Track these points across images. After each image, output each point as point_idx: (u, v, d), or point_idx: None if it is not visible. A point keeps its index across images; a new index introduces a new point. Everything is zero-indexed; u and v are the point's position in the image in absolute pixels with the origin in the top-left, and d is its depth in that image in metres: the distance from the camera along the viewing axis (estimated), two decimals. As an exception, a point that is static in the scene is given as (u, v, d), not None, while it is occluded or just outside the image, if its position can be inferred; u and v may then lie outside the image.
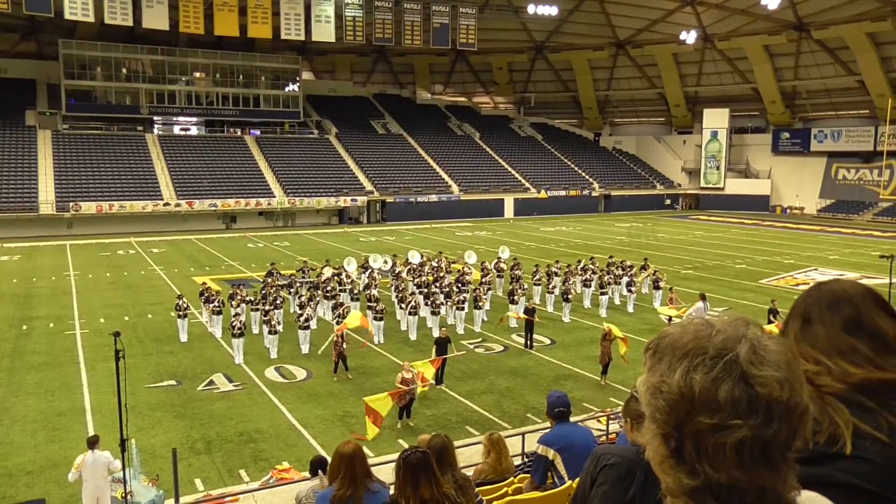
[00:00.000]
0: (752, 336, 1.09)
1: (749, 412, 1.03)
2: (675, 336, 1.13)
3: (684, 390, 1.06)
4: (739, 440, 1.03)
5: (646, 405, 1.12)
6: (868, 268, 33.95)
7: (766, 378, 1.05)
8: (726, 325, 1.11)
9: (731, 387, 1.04)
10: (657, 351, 1.14)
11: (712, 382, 1.05)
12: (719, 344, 1.08)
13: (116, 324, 22.65)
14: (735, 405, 1.03)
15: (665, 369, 1.10)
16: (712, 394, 1.04)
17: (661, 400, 1.09)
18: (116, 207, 49.87)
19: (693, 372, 1.06)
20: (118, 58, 60.11)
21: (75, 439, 14.06)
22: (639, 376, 1.19)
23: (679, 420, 1.06)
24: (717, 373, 1.05)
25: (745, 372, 1.05)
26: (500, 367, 19.09)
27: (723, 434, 1.03)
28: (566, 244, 43.84)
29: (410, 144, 69.56)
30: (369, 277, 25.99)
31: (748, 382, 1.04)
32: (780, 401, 1.04)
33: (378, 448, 13.48)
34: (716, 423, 1.03)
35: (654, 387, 1.10)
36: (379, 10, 60.12)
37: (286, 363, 19.24)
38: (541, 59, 78.18)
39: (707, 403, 1.04)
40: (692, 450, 1.06)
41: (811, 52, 63.92)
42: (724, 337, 1.09)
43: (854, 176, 66.30)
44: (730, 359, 1.06)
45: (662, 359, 1.12)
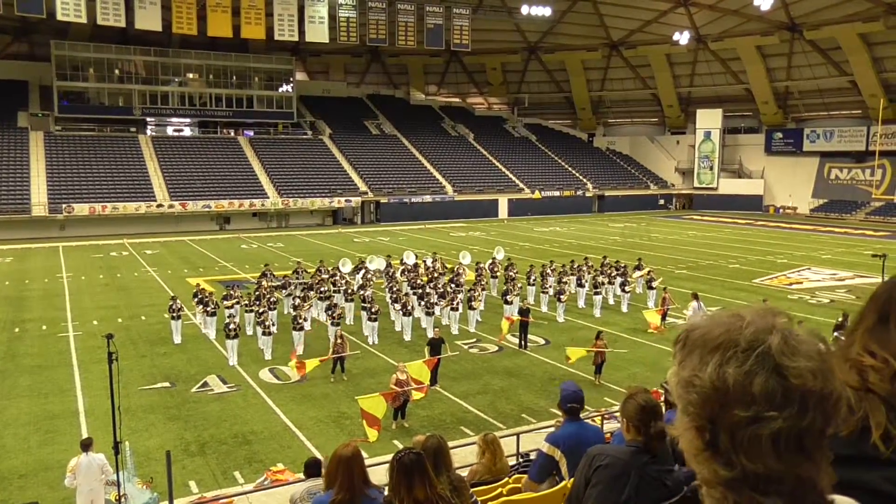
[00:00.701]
0: (782, 326, 1.09)
1: (784, 403, 1.03)
2: (705, 329, 1.12)
3: (717, 384, 1.06)
4: (775, 431, 1.02)
5: (677, 398, 1.12)
6: (861, 267, 34.09)
7: (799, 369, 1.05)
8: (756, 317, 1.11)
9: (765, 379, 1.04)
10: (686, 344, 1.14)
11: (745, 375, 1.05)
12: (750, 336, 1.08)
13: (110, 326, 22.57)
14: (770, 397, 1.03)
15: (696, 363, 1.09)
16: (746, 387, 1.04)
17: (693, 393, 1.08)
18: (109, 209, 49.69)
19: (726, 365, 1.06)
20: (111, 59, 59.90)
21: (68, 442, 14.00)
22: (668, 370, 1.19)
23: (713, 413, 1.06)
24: (749, 365, 1.05)
25: (778, 363, 1.05)
26: (495, 368, 19.09)
27: (758, 426, 1.03)
28: (560, 244, 43.90)
29: (404, 145, 69.54)
30: (363, 278, 26.00)
31: (781, 374, 1.04)
32: (814, 391, 1.04)
33: (373, 449, 13.45)
34: (751, 416, 1.03)
35: (686, 381, 1.10)
36: (372, 11, 60.08)
37: (280, 364, 19.20)
38: (534, 60, 78.28)
39: (741, 396, 1.04)
40: (727, 442, 1.05)
41: (803, 53, 64.21)
42: (755, 329, 1.08)
43: (846, 176, 66.60)
44: (762, 351, 1.06)
45: (693, 352, 1.11)
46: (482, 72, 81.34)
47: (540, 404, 16.20)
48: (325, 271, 27.20)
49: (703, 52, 69.75)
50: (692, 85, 74.27)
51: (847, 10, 57.75)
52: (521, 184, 67.16)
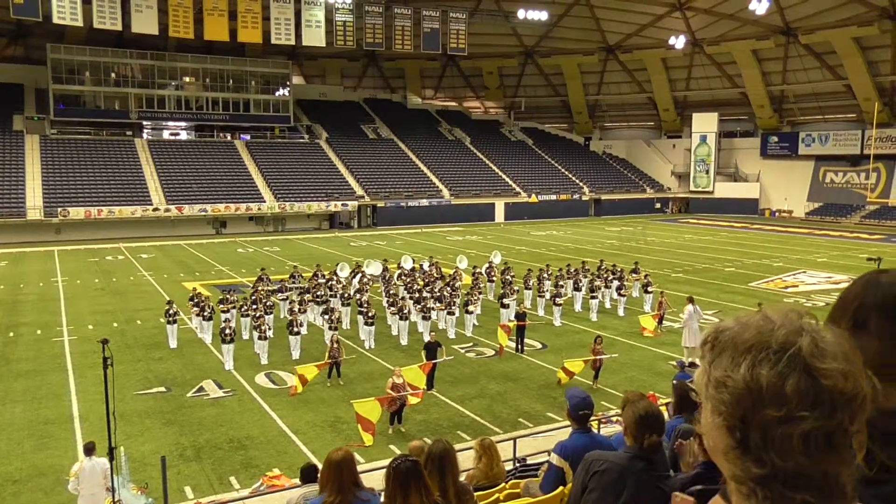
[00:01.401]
0: (810, 328, 1.12)
1: (815, 404, 1.06)
2: (736, 330, 1.15)
3: (751, 384, 1.08)
4: (807, 431, 1.05)
5: (708, 398, 1.14)
6: (856, 270, 34.14)
7: (830, 370, 1.08)
8: (784, 319, 1.14)
9: (798, 380, 1.06)
10: (716, 345, 1.16)
11: (778, 376, 1.07)
12: (782, 338, 1.10)
13: (105, 330, 22.50)
14: (802, 398, 1.06)
15: (728, 363, 1.11)
16: (779, 387, 1.06)
17: (726, 394, 1.10)
18: (105, 213, 49.58)
19: (759, 366, 1.08)
20: (107, 62, 59.84)
21: (63, 447, 13.95)
22: (699, 372, 1.20)
23: (745, 412, 1.08)
24: (782, 367, 1.07)
25: (809, 365, 1.07)
26: (492, 372, 19.06)
27: (790, 425, 1.06)
28: (557, 248, 43.92)
29: (401, 149, 69.57)
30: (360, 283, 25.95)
31: (812, 375, 1.07)
32: (844, 391, 1.07)
33: (369, 454, 13.43)
34: (783, 415, 1.06)
35: (718, 381, 1.12)
36: (369, 15, 60.17)
37: (276, 369, 19.15)
38: (531, 64, 78.42)
39: (774, 397, 1.06)
40: (759, 440, 1.08)
41: (799, 57, 64.43)
42: (785, 331, 1.11)
43: (842, 179, 66.79)
44: (793, 352, 1.08)
45: (723, 353, 1.13)
46: (479, 76, 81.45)
47: (537, 409, 16.18)
48: (322, 275, 27.17)
49: (698, 56, 69.95)
50: (688, 89, 74.48)
51: (841, 15, 57.99)
52: (517, 188, 67.21)
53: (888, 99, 62.12)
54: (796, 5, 59.23)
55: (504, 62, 78.42)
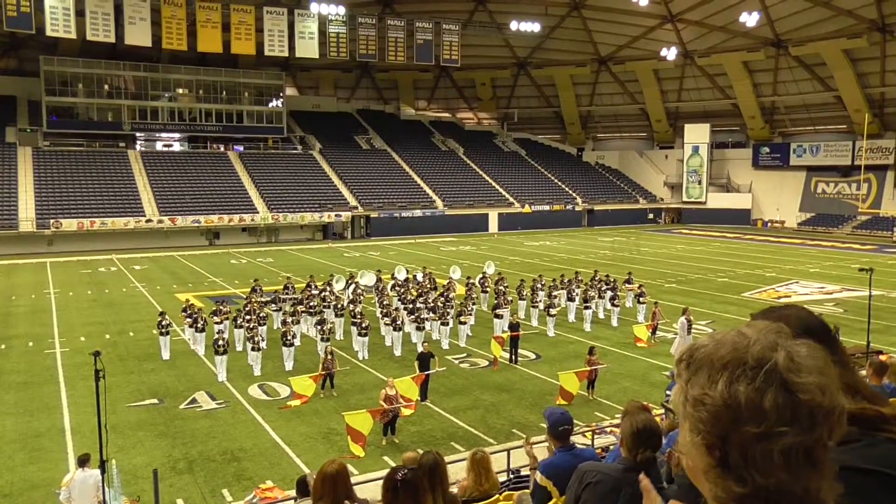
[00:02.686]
0: (785, 344, 1.12)
1: (794, 419, 1.05)
2: (712, 348, 1.14)
3: (729, 401, 1.07)
4: (787, 446, 1.05)
5: (685, 417, 1.13)
6: (848, 280, 34.34)
7: (807, 385, 1.07)
8: (759, 335, 1.13)
9: (775, 395, 1.06)
10: (692, 363, 1.15)
11: (756, 392, 1.06)
12: (757, 354, 1.10)
13: (97, 342, 22.38)
14: (781, 413, 1.05)
15: (705, 381, 1.11)
16: (757, 403, 1.06)
17: (704, 412, 1.10)
18: (98, 224, 49.42)
19: (736, 383, 1.08)
20: (100, 74, 59.81)
21: (54, 460, 13.85)
22: (673, 389, 1.20)
23: (724, 430, 1.08)
24: (759, 383, 1.07)
25: (786, 380, 1.07)
26: (485, 383, 19.04)
27: (769, 441, 1.05)
28: (550, 258, 43.99)
29: (394, 160, 69.68)
30: (354, 293, 25.94)
31: (790, 390, 1.07)
32: (822, 405, 1.07)
33: (363, 466, 13.38)
34: (762, 432, 1.05)
35: (696, 399, 1.11)
36: (362, 27, 60.40)
37: (270, 380, 19.08)
38: (524, 75, 78.80)
39: (753, 413, 1.06)
40: (739, 458, 1.07)
41: (789, 69, 64.98)
42: (761, 346, 1.11)
43: (833, 190, 67.22)
44: (770, 368, 1.08)
45: (699, 371, 1.13)
46: (472, 87, 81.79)
47: (531, 419, 16.16)
48: (315, 286, 27.14)
49: (690, 67, 70.44)
50: (680, 100, 74.94)
51: (831, 27, 58.57)
52: (511, 198, 67.37)
53: (878, 110, 62.66)
54: (786, 17, 59.80)
55: (497, 73, 78.78)
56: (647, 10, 62.01)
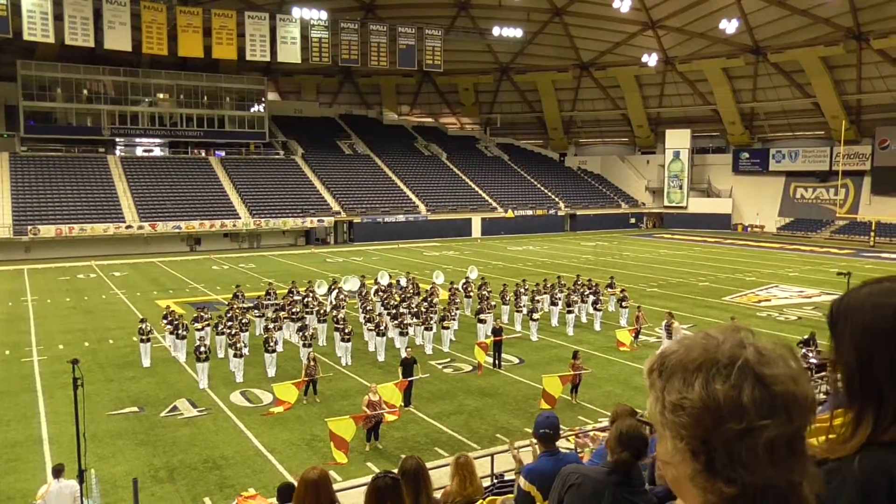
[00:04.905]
0: (750, 339, 1.14)
1: (772, 411, 1.07)
2: (683, 352, 1.15)
3: (708, 402, 1.08)
4: (770, 439, 1.06)
5: (665, 425, 1.13)
6: (827, 284, 34.75)
7: (779, 376, 1.09)
8: (725, 334, 1.15)
9: (752, 390, 1.07)
10: (664, 370, 1.16)
11: (733, 389, 1.08)
12: (728, 352, 1.11)
13: (76, 350, 22.10)
14: (759, 407, 1.06)
15: (681, 385, 1.11)
16: (736, 399, 1.07)
17: (684, 416, 1.10)
18: (77, 230, 48.84)
19: (713, 382, 1.09)
20: (79, 79, 59.21)
21: (31, 470, 13.63)
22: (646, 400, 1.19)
23: (706, 432, 1.08)
24: (734, 380, 1.08)
25: (759, 374, 1.09)
26: (469, 387, 19.02)
27: (752, 436, 1.06)
28: (533, 263, 44.11)
29: (377, 165, 69.60)
30: (336, 299, 25.83)
31: (764, 383, 1.08)
32: (795, 395, 1.09)
33: (346, 472, 13.31)
34: (744, 428, 1.06)
35: (675, 404, 1.11)
36: (345, 32, 60.35)
37: (252, 387, 18.94)
38: (506, 81, 79.12)
39: (733, 410, 1.07)
40: (725, 458, 1.07)
41: (768, 75, 65.79)
42: (730, 345, 1.12)
43: (811, 195, 68.09)
44: (741, 364, 1.09)
45: (673, 376, 1.13)
46: (454, 92, 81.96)
47: (514, 424, 16.16)
48: (297, 292, 27.01)
49: (671, 73, 71.11)
50: (661, 106, 75.59)
51: (809, 35, 59.41)
52: (493, 203, 67.52)
53: (855, 117, 63.60)
54: (765, 25, 60.57)
55: (479, 79, 79.03)
56: (629, 16, 62.52)
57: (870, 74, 60.10)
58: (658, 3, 61.85)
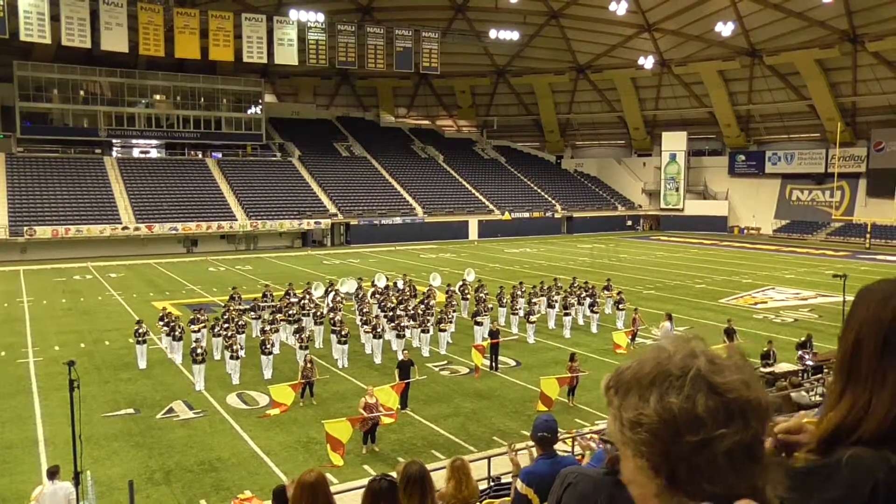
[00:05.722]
0: (701, 348, 1.14)
1: (728, 419, 1.06)
2: (636, 368, 1.15)
3: (664, 416, 1.07)
4: (729, 447, 1.05)
5: (625, 443, 1.12)
6: (823, 286, 34.82)
7: (731, 383, 1.08)
8: (676, 345, 1.15)
9: (706, 400, 1.07)
10: (620, 387, 1.15)
11: (687, 400, 1.07)
12: (680, 363, 1.11)
13: (72, 351, 22.05)
14: (715, 416, 1.06)
15: (637, 402, 1.11)
16: (691, 411, 1.06)
17: (643, 432, 1.09)
18: (73, 231, 48.73)
19: (667, 396, 1.08)
20: (76, 80, 59.11)
21: (26, 472, 13.59)
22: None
23: (666, 447, 1.07)
24: (688, 391, 1.07)
25: (711, 382, 1.08)
26: (466, 390, 19.02)
27: (711, 447, 1.05)
28: (530, 265, 44.13)
29: (374, 167, 69.59)
30: (333, 301, 25.82)
31: (717, 392, 1.07)
32: (749, 400, 1.08)
33: (343, 475, 13.29)
34: (702, 438, 1.05)
35: (632, 421, 1.11)
36: (342, 34, 60.34)
37: (248, 389, 18.91)
38: (503, 83, 79.19)
39: (689, 422, 1.06)
40: (686, 472, 1.07)
41: (764, 78, 65.96)
42: (681, 356, 1.12)
43: (807, 197, 68.25)
44: (693, 374, 1.09)
45: (629, 393, 1.13)
46: (451, 94, 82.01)
47: (511, 426, 16.16)
48: (294, 294, 26.98)
49: (667, 76, 71.25)
50: (657, 108, 75.71)
51: (804, 37, 59.58)
52: (490, 205, 67.55)
53: (850, 119, 63.79)
54: (760, 28, 60.73)
55: (476, 81, 79.08)
56: (625, 19, 62.65)
57: (865, 77, 60.29)
58: (654, 6, 61.98)
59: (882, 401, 1.25)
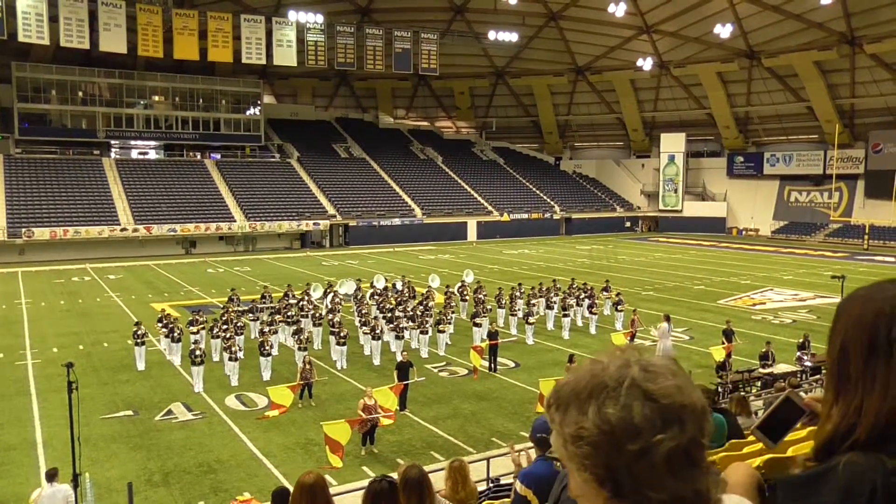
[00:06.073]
0: (635, 357, 1.15)
1: (665, 425, 1.07)
2: (573, 382, 1.16)
3: (603, 427, 1.08)
4: (667, 454, 1.06)
5: (570, 458, 1.13)
6: (821, 288, 34.85)
7: (665, 389, 1.10)
8: (611, 356, 1.17)
9: (641, 408, 1.08)
10: (560, 403, 1.16)
11: (623, 410, 1.08)
12: (615, 373, 1.12)
13: (70, 353, 22.03)
14: (651, 423, 1.07)
15: (577, 416, 1.12)
16: (628, 420, 1.07)
17: (584, 446, 1.10)
18: (71, 233, 48.69)
19: (604, 407, 1.09)
20: (74, 81, 59.10)
21: (25, 475, 13.58)
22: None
23: (608, 459, 1.08)
24: (624, 400, 1.09)
25: (646, 390, 1.09)
26: (465, 391, 19.02)
27: (651, 454, 1.06)
28: (529, 267, 44.14)
29: (373, 168, 69.60)
30: (332, 302, 25.81)
31: (652, 398, 1.09)
32: (685, 405, 1.10)
33: (341, 476, 13.29)
34: (641, 447, 1.06)
35: (574, 436, 1.11)
36: (341, 35, 60.37)
37: (247, 391, 18.90)
38: (502, 84, 79.22)
39: (627, 431, 1.07)
40: (630, 482, 1.07)
41: (762, 80, 66.04)
42: (616, 366, 1.13)
43: (805, 198, 68.34)
44: (628, 383, 1.10)
45: (569, 408, 1.14)
46: (450, 96, 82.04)
47: (510, 428, 16.16)
48: (293, 296, 26.97)
49: (666, 77, 71.31)
50: (656, 109, 75.77)
51: (802, 39, 59.66)
52: (489, 207, 67.57)
53: (848, 121, 63.88)
54: (759, 29, 60.81)
55: (475, 82, 79.12)
56: (624, 21, 62.73)
57: (863, 79, 60.38)
58: (653, 8, 62.06)
59: (872, 404, 1.25)
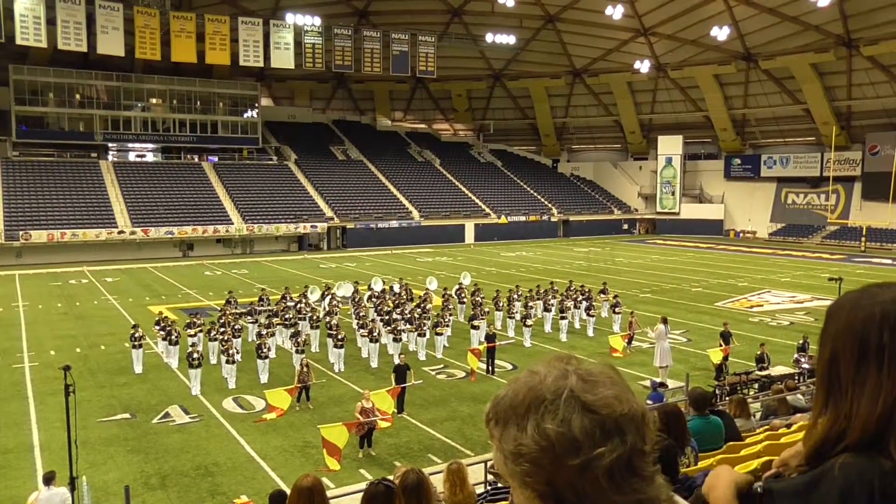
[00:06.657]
0: (574, 367, 1.12)
1: (605, 437, 1.04)
2: (511, 396, 1.12)
3: (542, 443, 1.05)
4: (608, 466, 1.03)
5: (511, 475, 1.10)
6: (818, 289, 34.91)
7: (603, 399, 1.07)
8: (549, 367, 1.13)
9: (581, 421, 1.04)
10: (499, 418, 1.12)
11: (562, 424, 1.05)
12: (552, 386, 1.08)
13: (67, 356, 21.99)
14: (591, 436, 1.04)
15: (516, 432, 1.08)
16: (568, 435, 1.04)
17: (524, 463, 1.06)
18: (69, 236, 48.62)
19: (543, 422, 1.06)
20: (71, 83, 59.04)
21: (22, 478, 13.55)
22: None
23: (549, 474, 1.05)
24: (562, 414, 1.05)
25: (584, 402, 1.06)
26: (462, 394, 19.01)
27: (592, 468, 1.03)
28: (527, 269, 44.16)
29: (371, 170, 69.61)
30: (330, 305, 25.80)
31: (591, 410, 1.05)
32: (624, 414, 1.07)
33: (339, 479, 13.28)
34: (582, 462, 1.03)
35: (513, 453, 1.08)
36: (338, 38, 60.39)
37: (245, 393, 18.88)
38: (499, 87, 79.30)
39: (567, 446, 1.04)
40: (573, 497, 1.05)
41: (759, 82, 66.19)
42: (553, 378, 1.10)
43: (803, 200, 68.46)
44: (566, 395, 1.07)
45: (508, 423, 1.10)
46: (448, 98, 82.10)
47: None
48: (290, 298, 26.96)
49: (663, 80, 71.42)
50: (653, 112, 75.91)
51: (799, 42, 59.81)
52: (487, 209, 67.60)
53: (845, 123, 64.03)
54: (756, 32, 60.96)
55: (473, 85, 79.21)
56: (621, 23, 62.85)
57: (860, 81, 60.55)
58: (650, 11, 62.19)
59: (864, 405, 1.25)
